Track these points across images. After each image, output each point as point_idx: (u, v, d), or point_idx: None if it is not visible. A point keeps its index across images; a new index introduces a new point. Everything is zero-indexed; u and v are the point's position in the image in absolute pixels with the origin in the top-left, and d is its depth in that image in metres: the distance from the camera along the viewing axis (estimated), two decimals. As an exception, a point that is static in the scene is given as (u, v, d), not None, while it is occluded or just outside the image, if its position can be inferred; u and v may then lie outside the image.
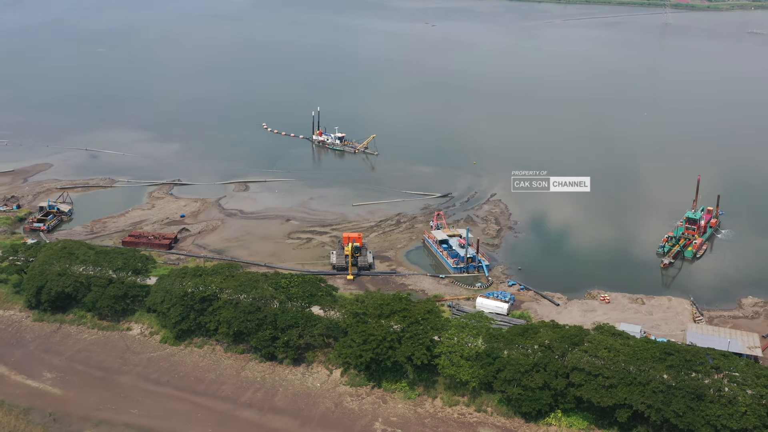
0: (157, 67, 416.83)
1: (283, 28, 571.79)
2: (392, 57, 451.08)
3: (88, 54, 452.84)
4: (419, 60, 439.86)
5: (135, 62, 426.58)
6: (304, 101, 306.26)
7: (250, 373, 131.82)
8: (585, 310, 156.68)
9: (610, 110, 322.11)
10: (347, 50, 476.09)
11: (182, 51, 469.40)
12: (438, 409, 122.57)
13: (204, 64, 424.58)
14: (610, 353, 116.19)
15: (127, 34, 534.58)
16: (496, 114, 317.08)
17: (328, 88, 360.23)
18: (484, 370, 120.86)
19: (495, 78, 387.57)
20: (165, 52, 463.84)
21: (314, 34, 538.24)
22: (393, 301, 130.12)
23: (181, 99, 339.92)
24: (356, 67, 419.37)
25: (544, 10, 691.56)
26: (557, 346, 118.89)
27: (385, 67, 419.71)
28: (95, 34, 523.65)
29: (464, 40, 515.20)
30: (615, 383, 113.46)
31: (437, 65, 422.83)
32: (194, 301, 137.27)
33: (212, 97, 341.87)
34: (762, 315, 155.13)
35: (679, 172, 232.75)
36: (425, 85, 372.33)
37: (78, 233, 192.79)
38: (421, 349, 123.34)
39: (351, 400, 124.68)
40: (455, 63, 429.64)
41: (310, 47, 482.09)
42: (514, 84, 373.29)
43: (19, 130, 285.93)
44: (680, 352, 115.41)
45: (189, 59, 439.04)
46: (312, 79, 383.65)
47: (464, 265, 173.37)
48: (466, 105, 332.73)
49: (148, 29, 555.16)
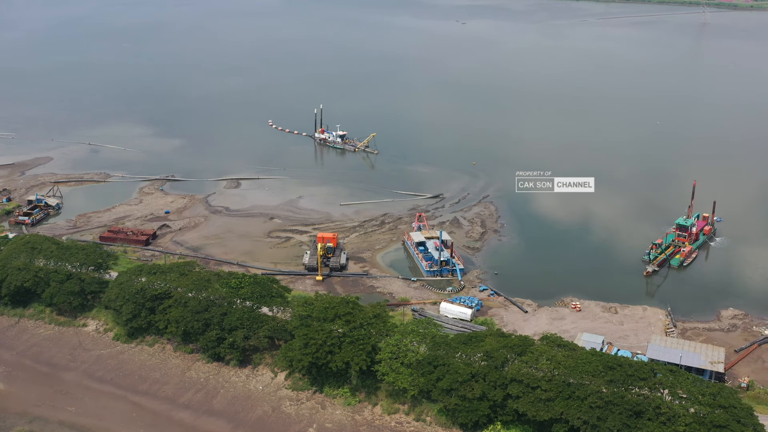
0: (177, 63, 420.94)
1: (312, 25, 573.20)
2: (414, 55, 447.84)
3: (112, 50, 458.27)
4: (441, 58, 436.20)
5: (157, 58, 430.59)
6: (315, 98, 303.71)
7: (195, 374, 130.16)
8: (553, 318, 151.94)
9: (626, 111, 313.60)
10: (371, 48, 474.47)
11: (206, 47, 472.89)
12: (376, 417, 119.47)
13: (225, 60, 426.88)
14: (550, 365, 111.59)
15: (155, 30, 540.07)
16: (507, 114, 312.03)
17: (343, 85, 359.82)
18: (425, 378, 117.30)
19: (513, 77, 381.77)
20: (188, 49, 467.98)
21: (342, 32, 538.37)
22: (339, 305, 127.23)
23: (193, 95, 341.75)
24: (375, 65, 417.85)
25: (579, 8, 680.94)
26: (498, 356, 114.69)
27: (405, 65, 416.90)
28: (124, 30, 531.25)
29: (491, 38, 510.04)
30: (552, 397, 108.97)
31: (458, 64, 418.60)
32: (145, 298, 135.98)
33: (225, 93, 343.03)
34: (739, 328, 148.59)
35: (686, 176, 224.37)
36: (442, 83, 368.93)
37: (61, 227, 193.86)
38: (362, 354, 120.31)
39: (290, 405, 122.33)
40: (476, 61, 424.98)
41: (334, 44, 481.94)
42: (532, 83, 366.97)
43: (30, 123, 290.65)
44: (623, 366, 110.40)
45: (211, 55, 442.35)
46: (328, 76, 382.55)
47: (438, 269, 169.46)
48: (478, 104, 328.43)
49: (176, 25, 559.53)
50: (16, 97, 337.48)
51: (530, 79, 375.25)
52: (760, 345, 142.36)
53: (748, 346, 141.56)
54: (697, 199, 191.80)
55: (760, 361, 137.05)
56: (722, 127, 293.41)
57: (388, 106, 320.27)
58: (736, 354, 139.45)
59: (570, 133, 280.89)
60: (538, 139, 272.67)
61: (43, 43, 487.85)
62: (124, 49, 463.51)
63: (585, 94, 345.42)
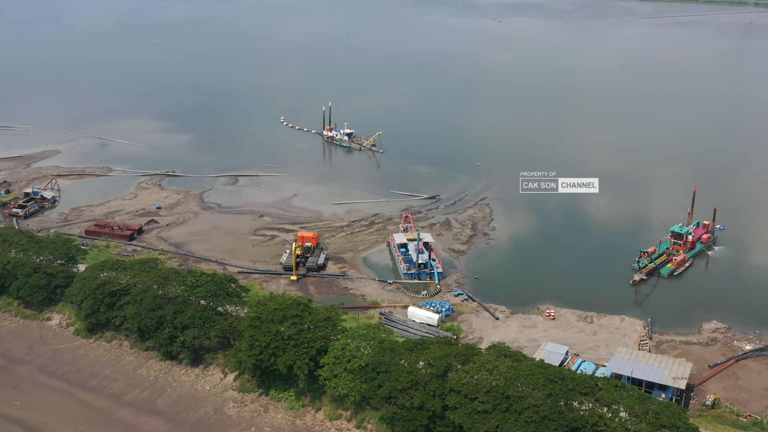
0: (204, 59, 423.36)
1: (347, 22, 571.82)
2: (442, 53, 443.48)
3: (144, 45, 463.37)
4: (468, 56, 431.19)
5: (186, 54, 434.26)
6: (333, 96, 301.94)
7: (146, 372, 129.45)
8: (524, 325, 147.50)
9: (645, 112, 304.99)
10: (400, 45, 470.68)
11: (236, 44, 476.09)
12: (317, 422, 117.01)
13: (252, 56, 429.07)
14: (490, 376, 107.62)
15: (191, 26, 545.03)
16: (523, 114, 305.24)
17: (363, 83, 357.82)
18: (367, 385, 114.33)
19: (537, 77, 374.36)
20: (218, 45, 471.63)
21: (375, 29, 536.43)
22: (290, 306, 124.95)
23: (213, 90, 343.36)
24: (401, 63, 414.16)
25: (623, 7, 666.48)
26: (439, 365, 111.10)
27: (430, 63, 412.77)
28: (162, 26, 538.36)
29: (524, 37, 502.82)
30: (489, 409, 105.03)
31: (484, 62, 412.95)
32: (104, 294, 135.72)
33: (245, 89, 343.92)
34: (719, 342, 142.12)
35: (698, 182, 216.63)
36: (464, 82, 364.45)
37: (52, 220, 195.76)
38: (305, 358, 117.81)
39: (233, 406, 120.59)
40: (504, 60, 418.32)
41: (364, 42, 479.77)
42: (555, 83, 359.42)
43: (46, 116, 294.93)
44: (565, 380, 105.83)
45: (240, 52, 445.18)
46: (351, 73, 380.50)
47: (415, 271, 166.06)
48: (496, 103, 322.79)
49: (213, 22, 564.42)
50: (40, 90, 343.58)
51: (554, 79, 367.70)
52: (737, 361, 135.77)
53: (724, 361, 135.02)
54: (705, 206, 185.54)
55: (734, 378, 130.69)
56: (749, 130, 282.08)
57: (403, 105, 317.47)
58: (710, 369, 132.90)
59: (584, 134, 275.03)
60: (550, 140, 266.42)
61: (78, 37, 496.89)
62: (157, 44, 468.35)
63: (607, 94, 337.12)
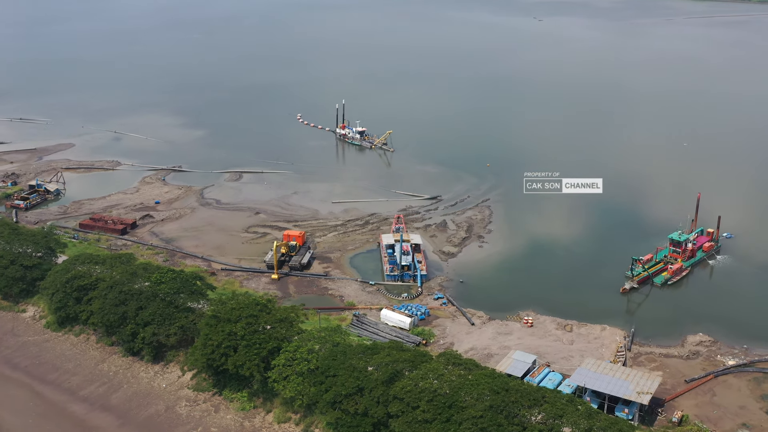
0: (236, 54, 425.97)
1: (387, 19, 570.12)
2: (473, 51, 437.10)
3: (181, 40, 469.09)
4: (500, 55, 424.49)
5: (219, 50, 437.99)
6: (353, 93, 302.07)
7: (107, 367, 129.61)
8: (499, 332, 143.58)
9: (666, 114, 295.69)
10: (434, 43, 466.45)
11: (270, 40, 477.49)
12: (266, 425, 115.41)
13: (283, 53, 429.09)
14: (435, 384, 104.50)
15: (233, 21, 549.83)
16: (548, 115, 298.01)
17: (386, 81, 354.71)
18: (315, 388, 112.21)
19: (565, 77, 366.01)
20: (252, 41, 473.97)
21: (410, 26, 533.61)
22: (248, 306, 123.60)
23: (236, 86, 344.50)
24: (430, 61, 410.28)
25: (670, 6, 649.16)
26: (384, 370, 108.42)
27: (459, 62, 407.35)
28: (202, 21, 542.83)
29: (563, 36, 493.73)
30: (430, 419, 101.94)
31: (516, 61, 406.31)
32: (73, 288, 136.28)
33: (269, 85, 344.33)
34: (702, 356, 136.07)
35: (709, 187, 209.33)
36: (491, 81, 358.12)
37: (51, 213, 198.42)
38: (255, 359, 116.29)
39: (185, 405, 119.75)
40: (536, 59, 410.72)
41: (397, 39, 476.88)
42: (584, 85, 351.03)
43: (69, 109, 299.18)
44: (509, 392, 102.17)
45: (271, 48, 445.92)
46: (376, 71, 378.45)
47: (398, 273, 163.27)
48: (520, 103, 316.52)
49: (254, 18, 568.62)
50: (69, 84, 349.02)
51: (584, 79, 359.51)
52: (716, 376, 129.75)
53: (702, 376, 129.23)
54: (717, 213, 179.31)
55: (709, 395, 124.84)
56: None
57: (423, 103, 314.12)
58: (686, 384, 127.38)
59: (604, 136, 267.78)
60: (568, 141, 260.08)
61: (118, 33, 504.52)
62: (194, 39, 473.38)
63: (635, 95, 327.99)
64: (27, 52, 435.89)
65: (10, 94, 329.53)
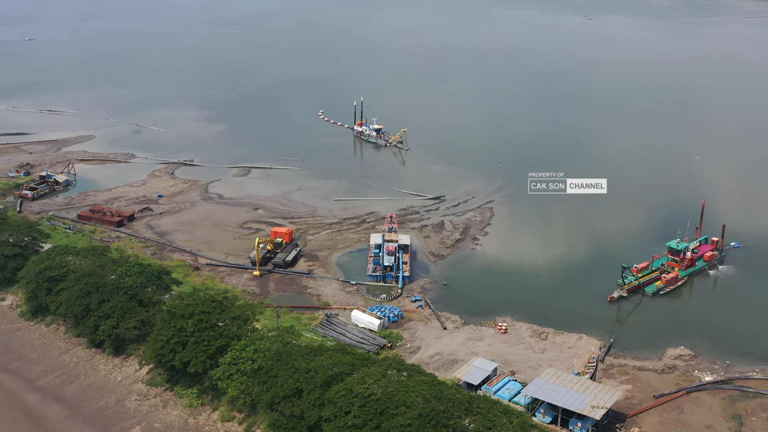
0: (269, 50, 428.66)
1: (429, 16, 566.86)
2: (514, 50, 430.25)
3: (219, 35, 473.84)
4: (541, 54, 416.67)
5: (253, 45, 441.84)
6: (379, 91, 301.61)
7: (69, 358, 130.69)
8: (471, 337, 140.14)
9: (702, 117, 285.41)
10: (474, 41, 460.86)
11: (307, 37, 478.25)
12: (210, 423, 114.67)
13: (317, 49, 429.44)
14: (368, 389, 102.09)
15: (271, 17, 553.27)
16: (573, 115, 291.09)
17: (416, 79, 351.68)
18: (258, 388, 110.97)
19: (601, 77, 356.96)
20: (289, 37, 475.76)
21: (451, 24, 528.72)
22: (203, 302, 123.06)
23: (265, 82, 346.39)
24: (463, 58, 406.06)
25: (726, 5, 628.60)
26: (322, 373, 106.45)
27: (495, 60, 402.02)
28: (243, 17, 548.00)
29: (609, 35, 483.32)
30: (360, 424, 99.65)
31: (553, 60, 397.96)
32: (44, 279, 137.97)
33: (297, 82, 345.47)
34: (678, 370, 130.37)
35: (719, 193, 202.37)
36: (522, 80, 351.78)
37: (55, 203, 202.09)
38: (202, 356, 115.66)
39: (135, 399, 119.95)
40: (574, 59, 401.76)
41: (435, 37, 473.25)
42: (616, 84, 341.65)
43: (96, 102, 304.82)
44: (442, 400, 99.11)
45: (309, 44, 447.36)
46: (405, 69, 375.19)
47: (380, 274, 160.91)
48: (548, 103, 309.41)
49: (294, 14, 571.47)
50: (102, 78, 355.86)
51: (617, 80, 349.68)
52: (688, 393, 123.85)
53: (673, 392, 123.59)
54: (726, 221, 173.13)
55: (677, 411, 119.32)
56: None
57: (448, 102, 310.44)
58: (655, 399, 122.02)
59: (625, 138, 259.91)
60: (584, 143, 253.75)
61: (159, 28, 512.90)
62: (230, 35, 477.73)
63: (668, 96, 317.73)
64: (67, 47, 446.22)
65: (44, 85, 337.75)
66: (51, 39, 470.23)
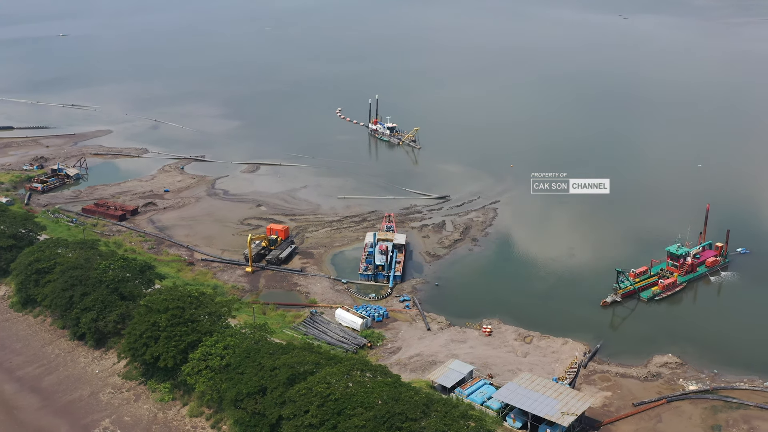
0: (300, 47, 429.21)
1: (463, 15, 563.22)
2: (541, 49, 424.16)
3: (252, 32, 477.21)
4: (568, 54, 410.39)
5: (285, 41, 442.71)
6: (400, 90, 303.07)
7: (51, 350, 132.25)
8: (454, 339, 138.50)
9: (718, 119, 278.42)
10: (503, 40, 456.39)
11: (340, 34, 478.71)
12: (178, 417, 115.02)
13: (348, 47, 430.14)
14: (329, 389, 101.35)
15: (307, 13, 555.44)
16: (592, 117, 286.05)
17: (438, 78, 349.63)
18: (226, 385, 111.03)
19: (625, 78, 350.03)
20: (323, 34, 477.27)
21: (487, 23, 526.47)
22: (179, 298, 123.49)
23: (290, 79, 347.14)
24: (488, 58, 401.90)
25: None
26: (285, 372, 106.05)
27: (520, 60, 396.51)
28: (279, 13, 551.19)
29: (642, 35, 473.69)
30: (317, 424, 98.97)
31: (581, 60, 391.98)
32: (33, 271, 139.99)
33: (320, 79, 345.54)
34: (662, 378, 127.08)
35: (725, 197, 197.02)
36: (545, 80, 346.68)
37: (63, 196, 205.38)
38: (173, 351, 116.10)
39: (109, 392, 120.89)
40: (603, 59, 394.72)
41: (467, 36, 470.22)
42: (639, 86, 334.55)
43: (119, 97, 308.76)
44: (398, 402, 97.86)
45: (339, 41, 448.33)
46: (429, 68, 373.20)
47: (372, 272, 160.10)
48: (568, 104, 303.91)
49: (334, 11, 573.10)
50: (129, 73, 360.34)
51: (640, 81, 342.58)
52: (669, 401, 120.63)
53: (654, 400, 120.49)
54: (733, 227, 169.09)
55: (654, 421, 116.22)
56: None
57: (467, 101, 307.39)
58: (634, 408, 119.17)
59: (639, 140, 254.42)
60: (598, 144, 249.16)
61: (197, 24, 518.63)
62: (264, 32, 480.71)
63: (687, 98, 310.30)
64: (100, 43, 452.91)
65: (71, 80, 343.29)
66: (85, 35, 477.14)
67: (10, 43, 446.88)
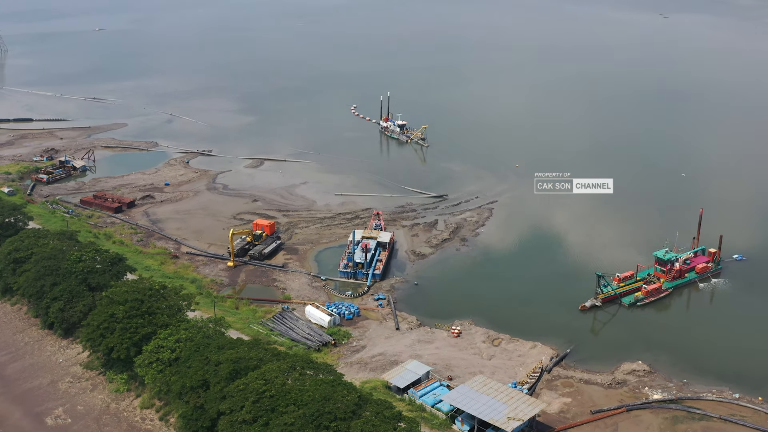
0: (327, 43, 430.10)
1: (498, 13, 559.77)
2: (571, 49, 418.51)
3: (281, 28, 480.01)
4: (598, 53, 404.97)
5: (313, 37, 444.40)
6: (418, 87, 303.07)
7: (21, 338, 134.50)
8: (421, 339, 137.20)
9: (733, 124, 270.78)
10: (535, 39, 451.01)
11: (369, 31, 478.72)
12: (129, 409, 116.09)
13: (375, 44, 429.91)
14: (266, 386, 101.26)
15: (340, 10, 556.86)
16: (607, 118, 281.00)
17: (459, 75, 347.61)
18: (174, 378, 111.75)
19: (652, 79, 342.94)
20: (352, 30, 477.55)
21: (522, 21, 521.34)
22: (140, 290, 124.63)
23: (311, 75, 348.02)
24: (516, 55, 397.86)
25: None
26: (227, 367, 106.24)
27: (547, 59, 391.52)
28: (311, 9, 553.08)
29: (680, 35, 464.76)
30: (250, 420, 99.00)
31: (609, 60, 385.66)
32: (11, 260, 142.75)
33: (340, 75, 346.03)
34: (627, 386, 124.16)
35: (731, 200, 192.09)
36: (571, 79, 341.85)
37: (66, 188, 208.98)
38: (126, 342, 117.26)
39: (68, 382, 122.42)
40: (630, 60, 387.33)
41: (496, 33, 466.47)
42: (665, 87, 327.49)
43: (139, 91, 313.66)
44: (329, 401, 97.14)
45: (366, 37, 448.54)
46: (455, 65, 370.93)
47: (351, 270, 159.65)
48: (587, 105, 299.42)
49: (365, 8, 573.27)
50: (154, 68, 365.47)
51: (668, 82, 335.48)
52: (629, 410, 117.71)
53: (613, 408, 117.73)
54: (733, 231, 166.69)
55: (610, 429, 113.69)
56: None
57: (482, 99, 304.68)
58: (591, 415, 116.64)
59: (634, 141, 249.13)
60: (607, 146, 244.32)
61: (229, 19, 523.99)
62: (294, 27, 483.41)
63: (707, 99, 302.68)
64: (134, 37, 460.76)
65: (97, 74, 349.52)
66: (121, 29, 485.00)
67: (47, 36, 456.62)
